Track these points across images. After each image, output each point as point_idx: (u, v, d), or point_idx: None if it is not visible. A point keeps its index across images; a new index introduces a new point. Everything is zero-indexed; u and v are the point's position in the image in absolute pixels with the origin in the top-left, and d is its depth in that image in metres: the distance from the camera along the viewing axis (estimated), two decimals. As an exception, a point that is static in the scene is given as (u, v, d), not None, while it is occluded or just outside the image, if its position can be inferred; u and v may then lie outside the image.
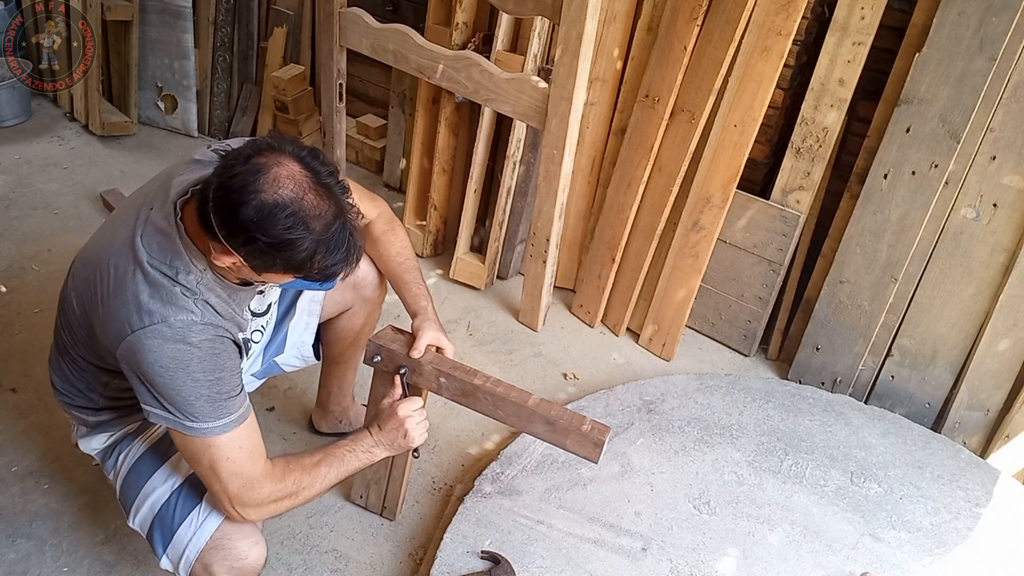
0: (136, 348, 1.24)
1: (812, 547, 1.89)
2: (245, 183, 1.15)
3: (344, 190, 1.25)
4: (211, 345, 1.27)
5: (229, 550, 1.39)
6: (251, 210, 1.15)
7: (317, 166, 1.21)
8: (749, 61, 2.27)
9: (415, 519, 1.97)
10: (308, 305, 1.76)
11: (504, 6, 2.30)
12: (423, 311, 1.67)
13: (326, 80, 2.86)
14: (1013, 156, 2.08)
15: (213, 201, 1.18)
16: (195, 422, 1.26)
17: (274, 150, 1.19)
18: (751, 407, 2.28)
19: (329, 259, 1.23)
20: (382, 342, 1.62)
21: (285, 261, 1.21)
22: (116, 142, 3.49)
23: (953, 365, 2.31)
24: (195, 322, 1.26)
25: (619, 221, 2.58)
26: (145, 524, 1.44)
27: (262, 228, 1.15)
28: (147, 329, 1.23)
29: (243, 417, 1.32)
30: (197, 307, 1.27)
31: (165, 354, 1.23)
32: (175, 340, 1.24)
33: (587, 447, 1.55)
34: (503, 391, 1.59)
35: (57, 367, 1.52)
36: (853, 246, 2.32)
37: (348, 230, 1.24)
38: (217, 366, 1.28)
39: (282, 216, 1.15)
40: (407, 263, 1.74)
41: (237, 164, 1.17)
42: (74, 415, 1.55)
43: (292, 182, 1.17)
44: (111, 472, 1.53)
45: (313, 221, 1.18)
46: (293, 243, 1.17)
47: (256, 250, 1.19)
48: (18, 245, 2.77)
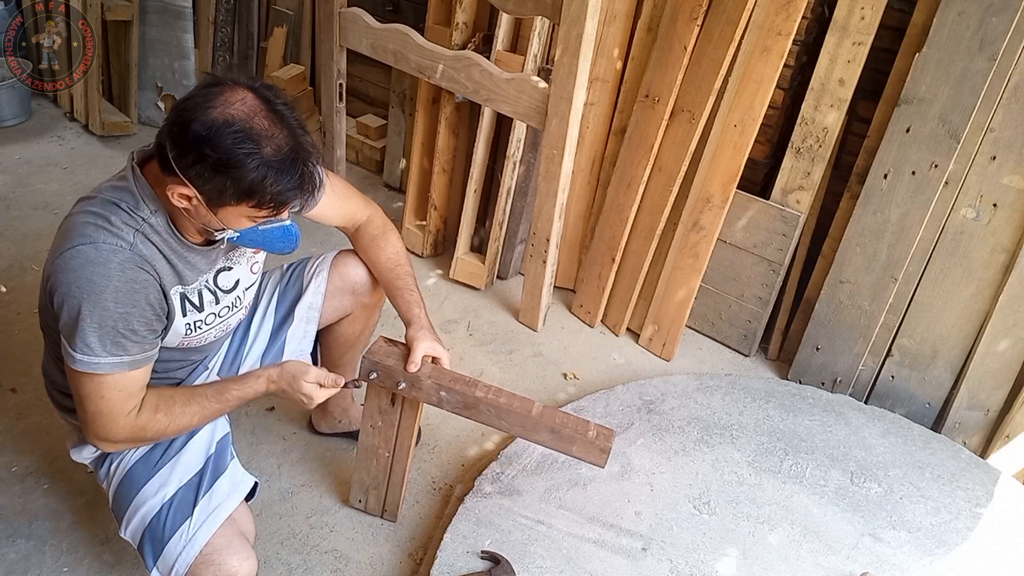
0: (59, 268, 1.24)
1: (812, 547, 1.89)
2: (197, 103, 1.19)
3: (300, 125, 1.27)
4: (133, 276, 1.27)
5: (219, 565, 1.37)
6: (200, 125, 1.17)
7: (271, 96, 1.25)
8: (749, 61, 2.27)
9: (415, 519, 1.97)
10: (306, 313, 1.75)
11: (504, 6, 2.30)
12: (416, 319, 1.65)
13: (326, 80, 2.86)
14: (1013, 156, 2.08)
15: (168, 125, 1.21)
16: (85, 355, 1.26)
17: (231, 81, 1.23)
18: (751, 407, 2.28)
19: (281, 183, 1.22)
20: (377, 358, 1.59)
21: (236, 184, 1.20)
22: (116, 142, 3.49)
23: (953, 365, 2.31)
24: (123, 248, 1.26)
25: (619, 221, 2.58)
26: (136, 535, 1.43)
27: (211, 143, 1.17)
28: (73, 249, 1.24)
29: (137, 363, 1.31)
30: (132, 238, 1.27)
31: (83, 276, 1.23)
32: (97, 262, 1.24)
33: (593, 453, 1.55)
34: (506, 402, 1.57)
35: (46, 368, 1.53)
36: (853, 246, 2.32)
37: (301, 157, 1.25)
38: (131, 300, 1.27)
39: (230, 131, 1.18)
40: (399, 268, 1.72)
41: (193, 90, 1.23)
42: (67, 420, 1.55)
43: (243, 104, 1.21)
44: (104, 481, 1.52)
45: (264, 141, 1.20)
46: (241, 160, 1.18)
47: (206, 169, 1.19)
48: (18, 245, 2.77)
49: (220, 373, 1.69)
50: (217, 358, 1.68)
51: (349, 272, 1.77)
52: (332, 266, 1.77)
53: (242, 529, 1.45)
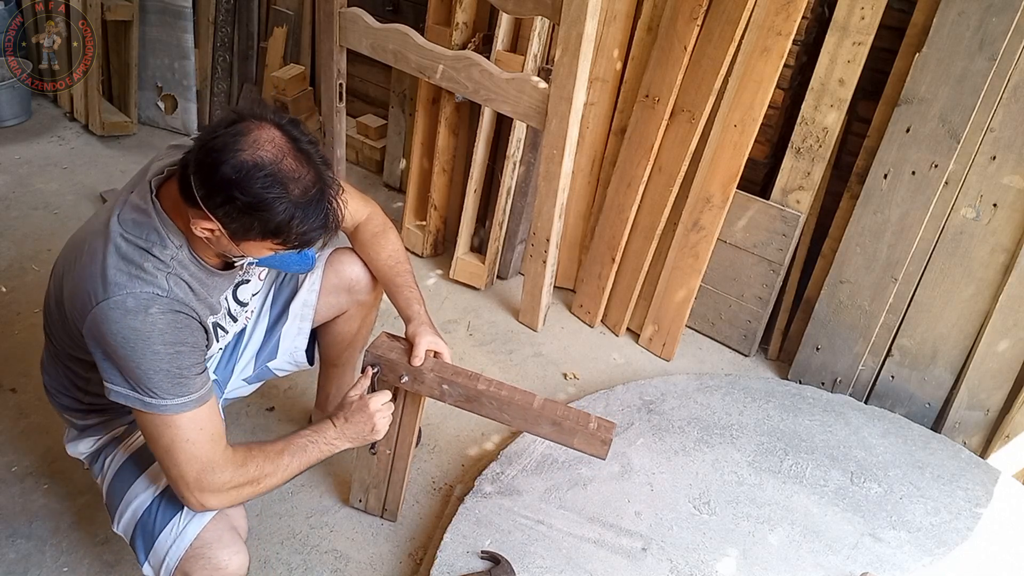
0: (99, 320, 1.23)
1: (812, 547, 1.89)
2: (226, 144, 1.18)
3: (324, 161, 1.26)
4: (173, 319, 1.27)
5: (209, 559, 1.36)
6: (230, 168, 1.16)
7: (297, 134, 1.24)
8: (749, 61, 2.27)
9: (415, 519, 1.97)
10: (301, 310, 1.75)
11: (504, 6, 2.30)
12: (416, 316, 1.65)
13: (326, 80, 2.86)
14: (1013, 156, 2.08)
15: (194, 162, 1.20)
16: (154, 398, 1.25)
17: (256, 117, 1.22)
18: (751, 407, 2.28)
19: (307, 224, 1.23)
20: (380, 352, 1.60)
21: (263, 224, 1.21)
22: (116, 142, 3.49)
23: (953, 365, 2.31)
24: (159, 296, 1.26)
25: (619, 221, 2.58)
26: (128, 530, 1.43)
27: (240, 186, 1.17)
28: (111, 300, 1.23)
29: (203, 399, 1.30)
30: (167, 283, 1.27)
31: (127, 325, 1.23)
32: (137, 311, 1.23)
33: (595, 445, 1.56)
34: (507, 394, 1.58)
35: (45, 365, 1.53)
36: (853, 246, 2.32)
37: (327, 197, 1.25)
38: (179, 339, 1.27)
39: (260, 175, 1.17)
40: (398, 266, 1.73)
41: (219, 128, 1.21)
42: (65, 417, 1.55)
43: (272, 145, 1.20)
44: (98, 476, 1.52)
45: (291, 184, 1.20)
46: (270, 204, 1.18)
47: (234, 211, 1.19)
48: (18, 245, 2.77)
49: (216, 371, 1.69)
50: (213, 359, 1.69)
51: (345, 269, 1.77)
52: (327, 263, 1.77)
53: (234, 524, 1.44)
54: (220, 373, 1.70)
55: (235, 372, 1.74)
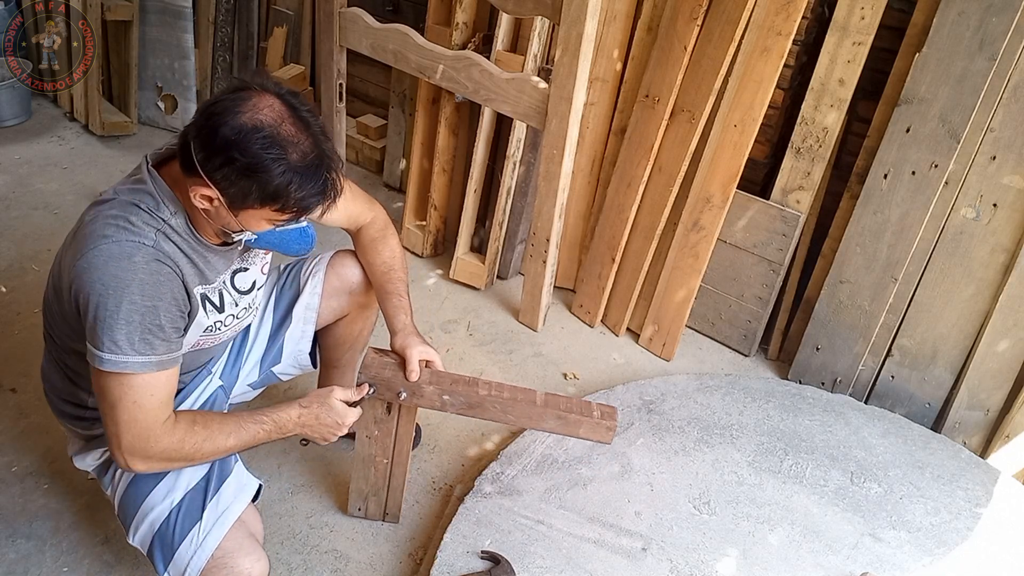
0: (83, 269, 1.24)
1: (812, 547, 1.89)
2: (226, 107, 1.20)
3: (323, 131, 1.28)
4: (157, 268, 1.27)
5: (232, 568, 1.37)
6: (229, 129, 1.19)
7: (296, 103, 1.26)
8: (749, 61, 2.27)
9: (415, 519, 1.97)
10: (304, 313, 1.75)
11: (504, 6, 2.30)
12: (403, 327, 1.64)
13: (326, 80, 2.86)
14: (1013, 156, 2.08)
15: (195, 127, 1.22)
16: (116, 354, 1.24)
17: (258, 86, 1.25)
18: (751, 407, 2.28)
19: (305, 189, 1.24)
20: (374, 371, 1.58)
21: (261, 188, 1.21)
22: (116, 142, 3.49)
23: (953, 365, 2.31)
24: (144, 245, 1.26)
25: (619, 221, 2.58)
26: (145, 542, 1.42)
27: (239, 146, 1.18)
28: (97, 248, 1.24)
29: (164, 364, 1.29)
30: (154, 236, 1.28)
31: (108, 272, 1.23)
32: (120, 258, 1.24)
33: (600, 432, 1.58)
34: (509, 395, 1.57)
35: (46, 372, 1.52)
36: (853, 246, 2.32)
37: (325, 164, 1.26)
38: (157, 293, 1.27)
39: (259, 136, 1.19)
40: (391, 273, 1.72)
41: (221, 94, 1.24)
42: (69, 428, 1.54)
43: (271, 110, 1.22)
44: (108, 488, 1.51)
45: (290, 147, 1.21)
46: (268, 165, 1.19)
47: (233, 173, 1.20)
48: (18, 245, 2.77)
49: (222, 377, 1.69)
50: (219, 363, 1.68)
51: (346, 272, 1.77)
52: (329, 266, 1.77)
53: (251, 530, 1.45)
54: (225, 378, 1.70)
55: (240, 377, 1.74)
